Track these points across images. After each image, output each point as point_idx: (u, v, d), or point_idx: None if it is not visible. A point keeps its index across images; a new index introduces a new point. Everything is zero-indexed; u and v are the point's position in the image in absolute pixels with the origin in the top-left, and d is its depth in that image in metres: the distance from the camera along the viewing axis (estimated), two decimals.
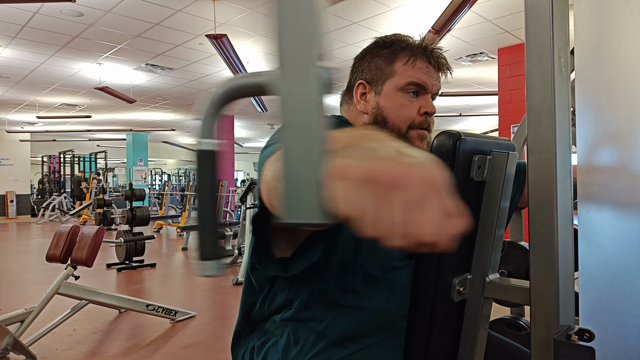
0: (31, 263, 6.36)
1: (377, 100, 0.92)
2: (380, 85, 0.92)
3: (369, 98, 0.94)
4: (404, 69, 0.90)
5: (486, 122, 13.49)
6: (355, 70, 0.98)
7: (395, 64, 0.91)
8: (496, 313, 1.30)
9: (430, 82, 0.91)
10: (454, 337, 0.83)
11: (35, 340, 2.97)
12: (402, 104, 0.90)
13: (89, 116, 10.90)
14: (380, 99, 0.92)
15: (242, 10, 4.80)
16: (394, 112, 0.91)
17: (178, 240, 8.51)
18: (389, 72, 0.91)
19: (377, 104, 0.92)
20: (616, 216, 0.58)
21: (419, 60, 0.91)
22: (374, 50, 0.95)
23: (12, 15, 4.86)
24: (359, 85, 0.95)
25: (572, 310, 0.64)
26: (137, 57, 6.50)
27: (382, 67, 0.92)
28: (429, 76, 0.91)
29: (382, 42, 0.95)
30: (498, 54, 6.22)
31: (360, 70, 0.96)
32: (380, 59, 0.93)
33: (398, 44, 0.93)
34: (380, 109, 0.91)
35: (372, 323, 0.82)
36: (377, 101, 0.92)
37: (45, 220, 12.52)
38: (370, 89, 0.94)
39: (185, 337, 3.27)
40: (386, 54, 0.93)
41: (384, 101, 0.91)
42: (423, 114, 0.91)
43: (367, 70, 0.94)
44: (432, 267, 0.79)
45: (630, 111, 0.58)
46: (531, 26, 0.61)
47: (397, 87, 0.91)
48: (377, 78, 0.93)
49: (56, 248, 3.28)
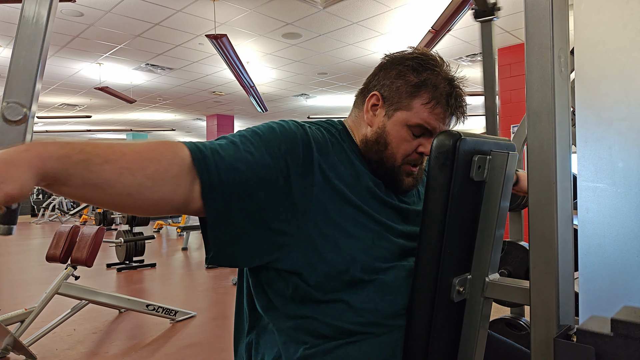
0: (31, 263, 6.36)
1: (384, 122, 0.91)
2: (393, 111, 0.91)
3: (379, 114, 0.93)
4: (421, 108, 0.89)
5: None
6: (377, 76, 0.95)
7: (416, 99, 0.89)
8: (496, 313, 1.30)
9: (440, 128, 0.91)
10: (454, 337, 0.83)
11: (35, 340, 2.97)
12: (405, 138, 0.91)
13: (89, 116, 10.90)
14: (388, 123, 0.91)
15: (242, 10, 4.80)
16: (395, 143, 0.91)
17: (178, 240, 8.51)
18: (406, 103, 0.90)
19: (383, 126, 0.91)
20: (616, 216, 0.58)
21: (439, 106, 0.89)
22: (403, 70, 0.91)
23: (12, 15, 4.86)
24: (373, 96, 0.93)
25: (572, 310, 0.64)
26: (137, 57, 6.51)
27: (402, 94, 0.90)
28: (442, 122, 0.91)
29: (415, 64, 0.91)
30: (498, 54, 6.21)
31: (382, 84, 0.93)
32: (404, 85, 0.90)
33: (428, 78, 0.89)
34: (385, 133, 0.91)
35: (361, 322, 0.84)
36: (385, 123, 0.91)
37: (45, 220, 12.52)
38: (382, 105, 0.92)
39: (185, 337, 3.27)
40: (412, 81, 0.90)
41: (391, 128, 0.91)
42: (420, 153, 0.92)
43: (387, 87, 0.92)
44: (432, 267, 0.79)
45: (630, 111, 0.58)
46: (531, 26, 0.61)
47: (407, 123, 0.90)
48: (393, 101, 0.91)
49: (56, 248, 3.28)
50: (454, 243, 0.79)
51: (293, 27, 5.32)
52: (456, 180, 0.77)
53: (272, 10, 4.78)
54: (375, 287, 0.84)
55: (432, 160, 0.79)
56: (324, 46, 6.02)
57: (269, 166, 0.77)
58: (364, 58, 6.51)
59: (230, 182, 0.74)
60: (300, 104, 10.30)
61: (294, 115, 11.79)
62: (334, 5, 4.58)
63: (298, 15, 4.96)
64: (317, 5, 4.56)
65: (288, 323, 0.85)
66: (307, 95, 9.32)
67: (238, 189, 0.75)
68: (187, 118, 12.33)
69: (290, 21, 5.13)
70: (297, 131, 0.84)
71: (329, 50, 6.17)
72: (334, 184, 0.84)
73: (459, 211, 0.79)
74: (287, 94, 9.23)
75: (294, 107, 10.64)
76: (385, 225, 0.88)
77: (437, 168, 0.78)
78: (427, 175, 0.81)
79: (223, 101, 9.97)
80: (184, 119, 12.58)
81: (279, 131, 0.83)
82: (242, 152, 0.77)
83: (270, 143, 0.80)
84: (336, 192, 0.84)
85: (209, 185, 0.73)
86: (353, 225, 0.84)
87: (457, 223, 0.79)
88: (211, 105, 10.42)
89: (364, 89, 0.97)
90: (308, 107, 10.56)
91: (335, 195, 0.84)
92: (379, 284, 0.84)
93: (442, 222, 0.78)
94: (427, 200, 0.80)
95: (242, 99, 9.23)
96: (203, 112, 11.45)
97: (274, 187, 0.78)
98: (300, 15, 4.96)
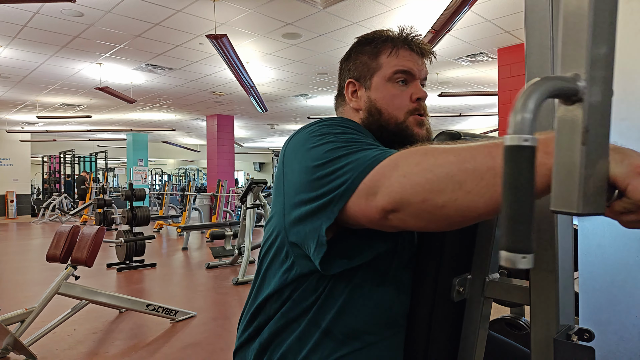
0: (31, 263, 6.36)
1: (368, 95, 0.94)
2: (369, 80, 0.94)
3: (360, 94, 0.95)
4: (388, 60, 0.93)
5: (486, 122, 13.50)
6: (342, 71, 1.00)
7: (380, 57, 0.93)
8: (496, 313, 1.30)
9: (416, 67, 0.93)
10: (454, 337, 0.83)
11: (35, 340, 2.97)
12: (393, 93, 0.92)
13: (89, 116, 10.91)
14: (371, 92, 0.94)
15: (242, 10, 4.80)
16: (386, 103, 0.92)
17: (178, 240, 8.51)
18: (374, 66, 0.94)
19: (368, 98, 0.94)
20: None
21: (401, 49, 0.93)
22: (357, 49, 0.97)
23: (12, 15, 4.86)
24: (349, 84, 0.97)
25: (572, 310, 0.64)
26: (137, 57, 6.51)
27: (368, 62, 0.94)
28: (413, 62, 0.93)
29: (363, 39, 0.97)
30: (498, 54, 6.22)
31: (347, 70, 0.98)
32: (365, 55, 0.95)
33: (379, 38, 0.95)
34: (372, 102, 0.93)
35: (375, 320, 0.82)
36: (369, 95, 0.94)
37: (45, 220, 12.52)
38: (359, 85, 0.96)
39: (186, 337, 3.27)
40: (369, 50, 0.95)
41: (375, 94, 0.93)
42: (416, 100, 0.92)
43: (353, 69, 0.97)
44: (432, 267, 0.79)
45: (630, 111, 0.58)
46: (531, 26, 0.61)
47: (385, 79, 0.92)
48: (365, 74, 0.95)
49: (56, 248, 3.28)
50: (454, 243, 0.79)
51: (293, 27, 5.32)
52: None
53: (272, 10, 4.78)
54: (395, 285, 0.83)
55: None
56: (324, 46, 6.02)
57: None
58: None
59: None
60: (300, 104, 10.30)
61: (294, 115, 11.79)
62: (334, 5, 4.58)
63: (298, 16, 4.96)
64: (317, 5, 4.56)
65: (300, 323, 0.83)
66: (307, 95, 9.32)
67: None
68: (187, 118, 12.33)
69: (290, 21, 5.13)
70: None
71: (329, 50, 6.17)
72: None
73: None
74: (287, 94, 9.23)
75: (294, 107, 10.64)
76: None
77: None
78: None
79: (223, 101, 9.97)
80: (184, 119, 12.58)
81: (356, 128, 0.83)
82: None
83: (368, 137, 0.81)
84: None
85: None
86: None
87: None
88: (211, 105, 10.42)
89: (339, 90, 1.01)
90: (308, 107, 10.56)
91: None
92: (399, 282, 0.84)
93: None
94: None
95: (242, 99, 9.24)
96: (203, 112, 11.46)
97: None
98: (300, 16, 4.96)
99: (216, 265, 5.85)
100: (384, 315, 0.83)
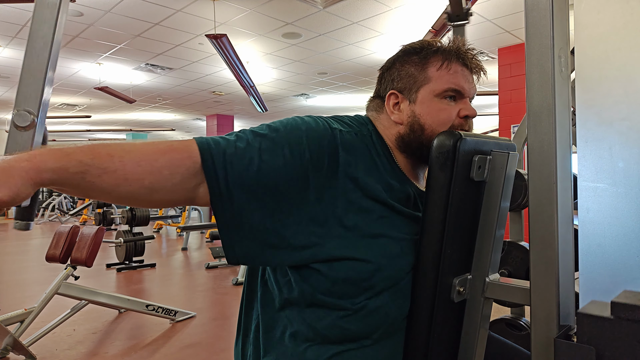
0: (31, 263, 6.36)
1: (412, 109, 0.88)
2: (415, 93, 0.88)
3: (403, 108, 0.89)
4: (439, 74, 0.87)
5: (486, 122, 13.49)
6: (383, 80, 0.93)
7: (428, 69, 0.88)
8: (496, 313, 1.30)
9: (467, 86, 0.88)
10: (454, 337, 0.83)
11: (35, 340, 2.97)
12: (441, 108, 0.87)
13: (89, 116, 10.90)
14: (416, 107, 0.88)
15: (242, 10, 4.80)
16: (432, 118, 0.87)
17: (178, 240, 8.51)
18: (422, 78, 0.88)
19: (412, 113, 0.88)
20: (616, 216, 0.58)
21: (454, 63, 0.88)
22: (403, 58, 0.91)
23: (12, 15, 4.86)
24: (391, 95, 0.91)
25: (573, 311, 0.64)
26: (137, 57, 6.50)
27: (414, 73, 0.89)
28: (465, 80, 0.88)
29: (410, 48, 0.91)
30: (498, 54, 6.22)
31: (390, 80, 0.91)
32: (411, 66, 0.89)
33: (429, 48, 0.89)
34: (416, 117, 0.87)
35: (371, 325, 0.82)
36: (413, 110, 0.88)
37: (45, 220, 12.51)
38: (403, 98, 0.89)
39: (185, 337, 3.27)
40: (417, 60, 0.89)
41: (420, 109, 0.88)
42: (463, 116, 0.88)
43: (397, 79, 0.90)
44: (432, 267, 0.79)
45: (630, 111, 0.57)
46: (531, 26, 0.61)
47: (434, 94, 0.87)
48: (410, 86, 0.89)
49: (56, 248, 3.28)
50: (455, 243, 0.79)
51: (293, 27, 5.32)
52: (456, 181, 0.77)
53: (272, 10, 4.78)
54: (392, 293, 0.82)
55: (433, 160, 0.79)
56: (324, 46, 6.02)
57: (287, 175, 0.75)
58: (364, 58, 6.51)
59: (239, 195, 0.73)
60: (300, 104, 10.30)
61: (294, 115, 11.78)
62: (334, 5, 4.58)
63: (298, 15, 4.96)
64: (317, 5, 4.56)
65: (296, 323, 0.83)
66: (307, 95, 9.32)
67: (250, 200, 0.74)
68: (187, 118, 12.33)
69: (290, 21, 5.12)
70: (325, 133, 0.80)
71: (329, 50, 6.17)
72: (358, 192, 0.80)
73: (459, 211, 0.79)
74: (287, 94, 9.23)
75: (294, 107, 10.64)
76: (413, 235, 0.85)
77: (438, 168, 0.78)
78: (427, 176, 0.81)
79: (223, 101, 9.97)
80: (184, 119, 12.57)
81: (304, 129, 0.80)
82: (256, 160, 0.74)
83: (292, 146, 0.77)
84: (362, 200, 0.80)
85: (218, 195, 0.73)
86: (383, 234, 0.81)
87: (458, 223, 0.79)
88: (211, 105, 10.42)
89: (377, 95, 0.95)
90: (308, 107, 10.56)
91: (362, 205, 0.80)
92: (397, 290, 0.82)
93: (442, 222, 0.77)
94: (428, 200, 0.80)
95: (242, 99, 9.23)
96: (203, 112, 11.45)
97: (298, 196, 0.76)
98: (300, 15, 4.96)
99: (216, 265, 5.85)
100: (379, 319, 0.82)
